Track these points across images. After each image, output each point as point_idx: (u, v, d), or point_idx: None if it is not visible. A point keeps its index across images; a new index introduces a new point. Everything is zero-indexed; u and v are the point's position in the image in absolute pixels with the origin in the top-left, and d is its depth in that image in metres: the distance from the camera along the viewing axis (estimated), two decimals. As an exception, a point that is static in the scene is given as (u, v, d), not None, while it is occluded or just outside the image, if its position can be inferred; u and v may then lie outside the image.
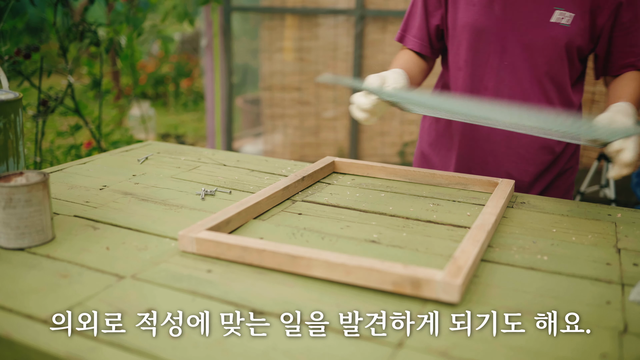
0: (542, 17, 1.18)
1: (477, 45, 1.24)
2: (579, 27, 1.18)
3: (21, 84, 2.20)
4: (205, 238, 0.84)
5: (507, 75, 1.24)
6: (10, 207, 0.84)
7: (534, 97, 1.24)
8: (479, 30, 1.23)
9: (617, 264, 0.86)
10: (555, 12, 1.18)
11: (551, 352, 0.62)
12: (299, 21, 3.99)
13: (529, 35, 1.20)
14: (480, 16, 1.22)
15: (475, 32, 1.23)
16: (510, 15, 1.20)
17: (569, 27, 1.18)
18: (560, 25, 1.18)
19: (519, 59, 1.22)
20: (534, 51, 1.21)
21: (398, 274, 0.73)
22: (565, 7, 1.17)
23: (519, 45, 1.21)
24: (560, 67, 1.22)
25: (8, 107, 1.01)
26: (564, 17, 1.17)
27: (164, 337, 0.63)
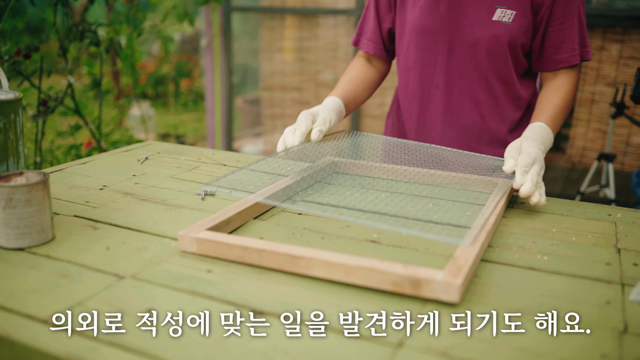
0: (485, 16, 1.22)
1: (425, 45, 1.28)
2: (520, 24, 1.22)
3: (21, 84, 2.20)
4: (205, 238, 0.84)
5: (455, 74, 1.28)
6: (10, 207, 0.84)
7: (481, 94, 1.29)
8: (426, 31, 1.27)
9: (617, 264, 0.86)
10: (496, 11, 1.21)
11: (551, 352, 0.62)
12: (299, 21, 3.99)
13: (474, 34, 1.24)
14: (426, 17, 1.26)
15: (422, 32, 1.27)
16: (455, 15, 1.24)
17: (510, 24, 1.21)
18: (502, 24, 1.21)
19: (465, 57, 1.26)
20: (478, 50, 1.25)
21: (398, 274, 0.73)
22: (506, 5, 1.21)
23: (464, 44, 1.25)
24: (505, 64, 1.26)
25: (8, 107, 1.01)
26: (505, 15, 1.21)
27: (164, 337, 0.63)
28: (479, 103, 1.30)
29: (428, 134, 1.36)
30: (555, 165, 4.02)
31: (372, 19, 1.37)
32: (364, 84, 1.37)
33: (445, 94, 1.31)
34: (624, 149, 3.73)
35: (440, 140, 1.35)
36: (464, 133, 1.33)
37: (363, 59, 1.41)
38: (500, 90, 1.29)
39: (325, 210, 1.02)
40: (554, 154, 3.97)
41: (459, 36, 1.25)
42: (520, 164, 1.02)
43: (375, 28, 1.37)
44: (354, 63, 1.40)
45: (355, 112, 3.93)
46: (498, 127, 1.33)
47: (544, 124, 1.15)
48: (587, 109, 3.62)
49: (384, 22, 1.36)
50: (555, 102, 1.20)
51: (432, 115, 1.34)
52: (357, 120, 3.91)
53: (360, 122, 3.94)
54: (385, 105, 3.92)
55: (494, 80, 1.28)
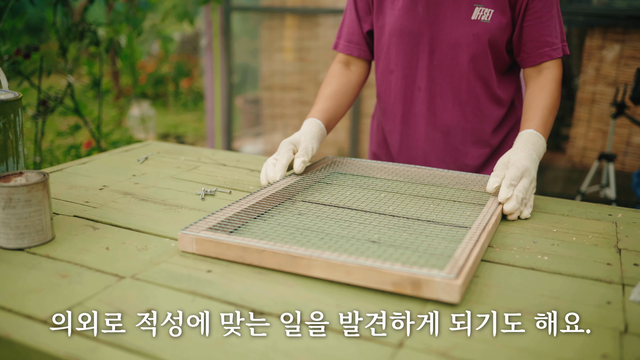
0: (464, 15, 1.21)
1: (406, 47, 1.28)
2: (500, 21, 1.21)
3: (21, 84, 2.20)
4: (205, 238, 0.84)
5: (437, 75, 1.28)
6: (10, 207, 0.84)
7: (463, 94, 1.29)
8: (405, 33, 1.26)
9: (617, 264, 0.85)
10: (475, 9, 1.20)
11: (551, 352, 0.62)
12: (299, 21, 3.99)
13: (453, 34, 1.23)
14: (405, 19, 1.25)
15: (402, 34, 1.27)
16: (434, 15, 1.23)
17: (489, 23, 1.21)
18: (481, 22, 1.21)
19: (446, 58, 1.26)
20: (459, 49, 1.24)
21: (398, 274, 0.72)
22: (484, 4, 1.20)
23: (445, 45, 1.25)
24: (485, 63, 1.25)
25: (8, 107, 1.00)
26: (484, 14, 1.20)
27: (164, 337, 0.63)
28: (461, 103, 1.29)
29: (412, 135, 1.35)
30: (556, 165, 4.03)
31: (352, 21, 1.36)
32: (344, 96, 1.35)
33: (427, 95, 1.30)
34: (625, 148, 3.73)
35: (424, 141, 1.34)
36: (447, 134, 1.32)
37: (341, 65, 1.38)
38: (481, 90, 1.28)
39: (325, 210, 1.02)
40: (554, 153, 3.96)
41: (439, 36, 1.24)
42: (508, 177, 1.01)
43: (355, 29, 1.36)
44: (332, 72, 1.37)
45: (354, 112, 3.93)
46: (481, 126, 1.32)
47: (534, 131, 1.13)
48: (587, 109, 3.62)
49: (364, 24, 1.35)
50: (543, 104, 1.18)
51: (415, 116, 1.33)
52: (356, 120, 3.91)
53: (359, 121, 3.94)
54: (385, 105, 3.91)
55: (474, 79, 1.27)
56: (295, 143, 1.18)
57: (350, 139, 3.98)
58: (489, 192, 1.03)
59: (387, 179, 1.23)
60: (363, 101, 3.94)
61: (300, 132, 1.22)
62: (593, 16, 3.33)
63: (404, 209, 1.04)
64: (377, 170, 1.25)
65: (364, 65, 1.40)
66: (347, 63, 1.39)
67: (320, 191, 1.13)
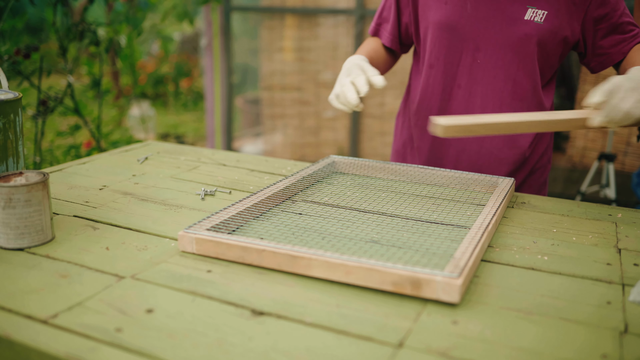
0: (515, 15, 1.20)
1: (450, 43, 1.25)
2: (552, 24, 1.19)
3: (21, 84, 2.20)
4: (205, 238, 0.84)
5: (479, 74, 1.25)
6: (10, 207, 0.84)
7: (506, 96, 1.25)
8: (451, 28, 1.24)
9: (617, 264, 0.86)
10: (527, 11, 1.19)
11: (551, 352, 0.62)
12: (299, 21, 3.99)
13: (502, 34, 1.21)
14: (452, 14, 1.23)
15: (447, 30, 1.25)
16: (483, 13, 1.21)
17: (541, 24, 1.19)
18: (533, 23, 1.19)
19: (492, 57, 1.23)
20: (506, 49, 1.22)
21: (398, 274, 0.72)
22: (537, 5, 1.19)
23: (491, 44, 1.22)
24: (533, 66, 1.23)
25: (8, 107, 1.00)
26: (537, 15, 1.19)
27: (164, 337, 0.63)
28: (502, 105, 1.25)
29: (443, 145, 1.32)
30: (556, 165, 4.02)
31: (393, 11, 1.35)
32: (381, 60, 1.36)
33: (467, 94, 1.27)
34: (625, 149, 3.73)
35: (456, 141, 1.31)
36: (484, 137, 1.28)
37: (380, 42, 1.39)
38: (526, 93, 1.24)
39: (326, 210, 1.02)
40: (554, 154, 3.96)
41: (485, 35, 1.22)
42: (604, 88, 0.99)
43: (394, 21, 1.35)
44: (373, 40, 1.39)
45: (354, 112, 3.92)
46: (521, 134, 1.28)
47: None
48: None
49: (403, 16, 1.34)
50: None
51: (451, 114, 1.28)
52: (356, 120, 3.91)
53: (359, 121, 3.94)
54: (385, 105, 3.91)
55: (519, 82, 1.24)
56: (362, 69, 1.15)
57: (350, 139, 3.98)
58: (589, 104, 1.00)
59: (387, 179, 1.23)
60: (363, 101, 3.94)
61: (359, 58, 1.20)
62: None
63: (405, 209, 1.04)
64: (378, 170, 1.25)
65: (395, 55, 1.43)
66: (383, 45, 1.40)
67: (321, 191, 1.13)
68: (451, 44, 1.25)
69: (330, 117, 4.08)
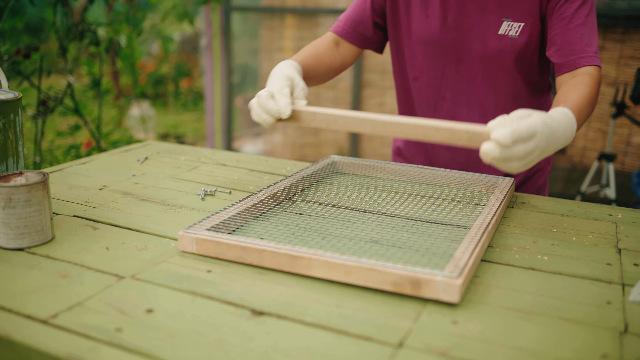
0: (492, 29, 1.17)
1: (433, 55, 1.24)
2: (530, 36, 1.15)
3: (21, 84, 2.20)
4: (205, 238, 0.84)
5: (463, 85, 1.24)
6: (10, 207, 0.84)
7: (489, 107, 1.25)
8: (433, 41, 1.22)
9: (617, 264, 0.86)
10: (502, 24, 1.15)
11: (551, 352, 0.62)
12: (298, 21, 3.99)
13: (481, 47, 1.19)
14: (434, 27, 1.21)
15: (429, 42, 1.23)
16: (463, 26, 1.19)
17: (517, 38, 1.15)
18: (507, 38, 1.15)
19: (474, 69, 1.22)
20: (486, 62, 1.20)
21: (398, 274, 0.72)
22: (513, 18, 1.14)
23: (472, 56, 1.21)
24: (513, 78, 1.21)
25: (8, 107, 1.00)
26: (512, 29, 1.15)
27: (164, 337, 0.63)
28: (487, 116, 1.24)
29: (434, 144, 1.32)
30: (556, 165, 4.02)
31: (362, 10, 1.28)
32: (325, 66, 1.24)
33: (452, 106, 1.27)
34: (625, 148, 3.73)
35: (447, 150, 1.31)
36: None
37: (331, 41, 1.29)
38: (509, 104, 1.23)
39: (326, 210, 1.02)
40: (554, 154, 3.97)
41: (466, 48, 1.20)
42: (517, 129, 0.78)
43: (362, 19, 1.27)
44: (319, 42, 1.27)
45: (355, 112, 3.93)
46: None
47: (568, 110, 0.92)
48: (587, 109, 3.61)
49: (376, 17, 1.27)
50: (578, 93, 1.01)
51: None
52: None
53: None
54: (386, 105, 3.91)
55: (502, 93, 1.23)
56: (290, 79, 1.02)
57: (350, 139, 3.98)
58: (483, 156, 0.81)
59: (387, 178, 1.23)
60: (363, 101, 3.94)
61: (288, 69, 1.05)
62: (593, 16, 3.33)
63: (405, 209, 1.04)
64: (378, 170, 1.25)
65: (352, 51, 1.31)
66: (337, 43, 1.30)
67: (321, 191, 1.13)
68: (434, 57, 1.24)
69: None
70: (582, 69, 1.09)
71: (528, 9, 1.14)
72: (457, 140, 0.84)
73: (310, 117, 0.98)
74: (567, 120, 0.90)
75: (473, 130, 0.83)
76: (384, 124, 0.92)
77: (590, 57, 1.10)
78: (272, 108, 0.98)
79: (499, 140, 0.78)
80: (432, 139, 0.87)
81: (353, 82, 3.88)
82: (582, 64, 1.09)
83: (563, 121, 0.89)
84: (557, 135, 0.85)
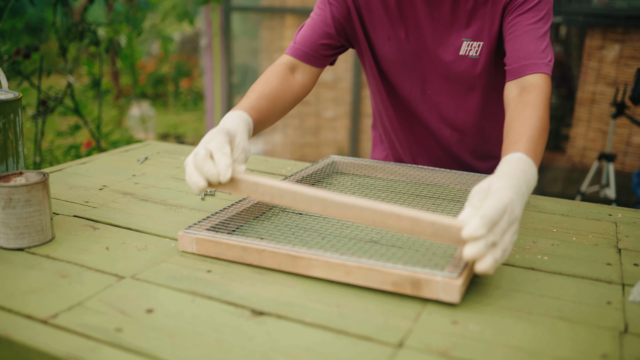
0: (452, 50, 1.14)
1: (399, 75, 1.22)
2: (489, 53, 1.12)
3: (21, 84, 2.21)
4: (205, 238, 0.84)
5: (430, 104, 1.23)
6: (10, 207, 0.83)
7: (460, 124, 1.25)
8: (396, 63, 1.20)
9: (617, 264, 0.86)
10: (462, 44, 1.12)
11: (551, 352, 0.62)
12: (298, 21, 3.99)
13: (444, 68, 1.16)
14: (397, 49, 1.18)
15: (393, 64, 1.20)
16: (424, 48, 1.16)
17: (478, 58, 1.13)
18: (468, 58, 1.13)
19: (439, 88, 1.20)
20: (451, 81, 1.18)
21: (398, 274, 0.72)
22: (472, 37, 1.11)
23: (436, 76, 1.19)
24: (482, 95, 1.19)
25: (8, 107, 1.00)
26: (472, 48, 1.12)
27: (164, 337, 0.63)
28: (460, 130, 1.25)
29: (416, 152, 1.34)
30: (556, 165, 4.02)
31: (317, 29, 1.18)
32: (281, 102, 1.12)
33: (424, 123, 1.27)
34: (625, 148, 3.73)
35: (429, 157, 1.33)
36: (450, 152, 1.30)
37: (286, 67, 1.16)
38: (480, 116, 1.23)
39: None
40: (554, 154, 3.96)
41: (430, 68, 1.17)
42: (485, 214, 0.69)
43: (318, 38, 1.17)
44: (274, 71, 1.14)
45: (354, 112, 3.92)
46: (486, 147, 1.29)
47: (523, 155, 0.84)
48: (587, 109, 3.62)
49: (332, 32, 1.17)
50: (530, 123, 0.93)
51: (416, 135, 1.30)
52: (356, 120, 3.91)
53: (359, 121, 3.94)
54: (385, 105, 3.91)
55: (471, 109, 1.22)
56: (231, 136, 0.89)
57: (350, 139, 3.98)
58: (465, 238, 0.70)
59: (387, 179, 1.23)
60: (363, 101, 3.94)
61: (232, 124, 0.95)
62: (593, 16, 3.33)
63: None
64: (378, 170, 1.25)
65: (311, 74, 1.19)
66: (293, 68, 1.18)
67: (320, 191, 1.13)
68: (400, 77, 1.22)
69: (330, 117, 4.08)
70: (530, 78, 1.02)
71: (486, 27, 1.10)
72: (420, 232, 0.73)
73: (252, 187, 0.84)
74: (527, 169, 0.82)
75: (440, 223, 0.72)
76: (337, 205, 0.78)
77: (538, 64, 1.03)
78: (209, 170, 0.83)
79: (473, 235, 0.68)
80: (392, 228, 0.75)
81: (353, 82, 3.88)
82: (529, 72, 1.03)
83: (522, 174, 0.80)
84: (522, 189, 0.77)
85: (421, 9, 1.12)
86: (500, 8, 1.08)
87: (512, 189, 0.74)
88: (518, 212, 0.73)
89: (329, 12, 1.17)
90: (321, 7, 1.18)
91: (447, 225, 0.71)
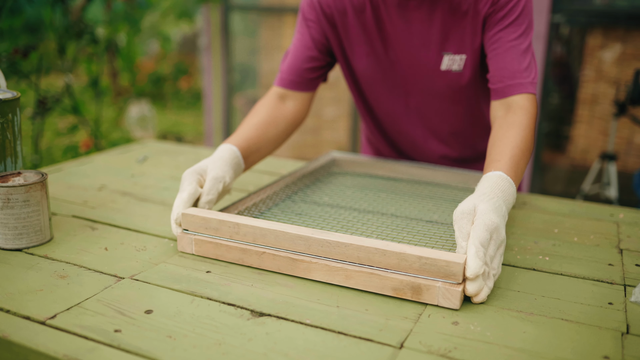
0: (433, 65, 1.11)
1: (381, 90, 1.20)
2: (474, 67, 1.10)
3: (19, 83, 2.20)
4: (205, 239, 0.83)
5: (414, 118, 1.22)
6: (8, 207, 0.83)
7: (446, 137, 1.24)
8: (376, 79, 1.18)
9: (619, 265, 0.85)
10: (444, 58, 1.09)
11: (552, 353, 0.62)
12: (298, 20, 3.98)
13: (426, 83, 1.14)
14: (375, 66, 1.16)
15: (374, 81, 1.19)
16: (405, 63, 1.14)
17: (461, 72, 1.10)
18: (452, 73, 1.10)
19: (423, 102, 1.19)
20: (434, 96, 1.16)
21: (398, 279, 0.72)
22: (453, 50, 1.08)
23: (418, 91, 1.17)
24: (467, 108, 1.18)
25: (6, 107, 1.00)
26: (454, 63, 1.09)
27: (163, 338, 0.63)
28: (447, 142, 1.25)
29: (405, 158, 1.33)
30: (557, 165, 4.02)
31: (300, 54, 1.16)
32: (272, 127, 1.10)
33: (410, 136, 1.26)
34: (626, 148, 3.73)
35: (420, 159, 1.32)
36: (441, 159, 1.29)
37: (275, 97, 1.15)
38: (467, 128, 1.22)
39: (326, 210, 1.01)
40: (555, 153, 3.96)
41: (411, 82, 1.15)
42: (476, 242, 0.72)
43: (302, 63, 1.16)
44: (262, 102, 1.14)
45: (355, 112, 3.92)
46: (475, 155, 1.29)
47: (503, 174, 0.85)
48: (588, 109, 3.62)
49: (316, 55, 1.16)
50: (513, 142, 0.93)
51: (404, 145, 1.30)
52: (356, 120, 3.91)
53: (359, 121, 3.93)
54: (385, 104, 3.91)
55: (456, 123, 1.21)
56: (201, 173, 0.93)
57: (350, 139, 3.98)
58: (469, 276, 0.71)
59: (387, 178, 1.23)
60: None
61: (209, 159, 0.97)
62: (594, 15, 3.33)
63: (405, 209, 1.03)
64: (378, 168, 1.25)
65: (303, 99, 1.17)
66: (283, 97, 1.16)
67: (321, 191, 1.13)
68: (382, 92, 1.20)
69: (330, 117, 4.08)
70: (515, 98, 1.01)
71: (468, 40, 1.07)
72: (407, 267, 0.73)
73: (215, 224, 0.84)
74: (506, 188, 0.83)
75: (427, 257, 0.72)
76: (320, 242, 0.77)
77: (523, 84, 1.02)
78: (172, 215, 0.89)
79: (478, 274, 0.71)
80: (377, 263, 0.74)
81: (353, 82, 3.87)
82: (514, 92, 1.01)
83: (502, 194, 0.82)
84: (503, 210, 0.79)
85: (398, 25, 1.09)
86: (481, 19, 1.05)
87: (495, 212, 0.76)
88: (503, 234, 0.76)
89: (308, 36, 1.15)
90: (301, 32, 1.17)
91: (434, 259, 0.71)
